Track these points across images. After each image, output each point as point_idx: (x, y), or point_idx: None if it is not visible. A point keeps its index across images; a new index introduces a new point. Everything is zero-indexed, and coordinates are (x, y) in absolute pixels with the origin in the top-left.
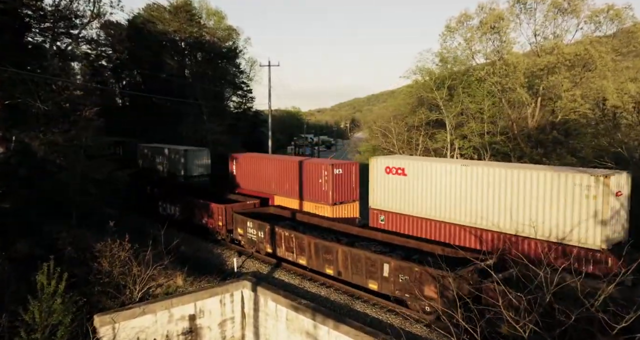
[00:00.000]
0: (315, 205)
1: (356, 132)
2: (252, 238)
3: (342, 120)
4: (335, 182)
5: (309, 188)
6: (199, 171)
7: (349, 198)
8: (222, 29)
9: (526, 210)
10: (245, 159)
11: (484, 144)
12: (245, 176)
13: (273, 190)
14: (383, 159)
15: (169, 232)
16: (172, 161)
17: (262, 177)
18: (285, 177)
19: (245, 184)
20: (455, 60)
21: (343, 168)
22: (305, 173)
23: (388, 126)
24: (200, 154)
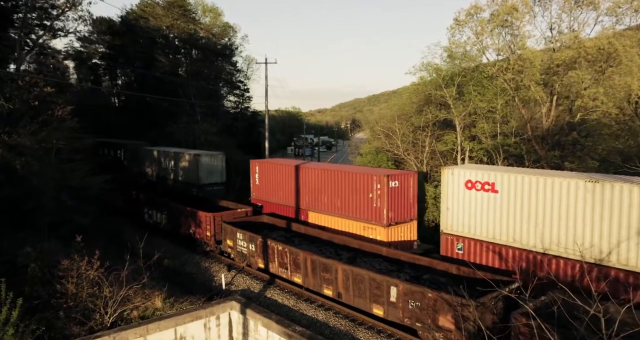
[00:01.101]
0: (363, 226)
1: (357, 133)
2: (243, 251)
3: (342, 120)
4: (390, 197)
5: (356, 204)
6: (212, 179)
7: (406, 217)
8: (218, 26)
9: (556, 225)
10: (270, 166)
11: (496, 145)
12: (270, 187)
13: (307, 205)
14: (462, 171)
15: (154, 243)
16: (181, 167)
17: (293, 188)
18: (324, 190)
19: (271, 196)
20: (465, 56)
21: (400, 179)
22: (351, 185)
23: (392, 126)
24: (214, 159)
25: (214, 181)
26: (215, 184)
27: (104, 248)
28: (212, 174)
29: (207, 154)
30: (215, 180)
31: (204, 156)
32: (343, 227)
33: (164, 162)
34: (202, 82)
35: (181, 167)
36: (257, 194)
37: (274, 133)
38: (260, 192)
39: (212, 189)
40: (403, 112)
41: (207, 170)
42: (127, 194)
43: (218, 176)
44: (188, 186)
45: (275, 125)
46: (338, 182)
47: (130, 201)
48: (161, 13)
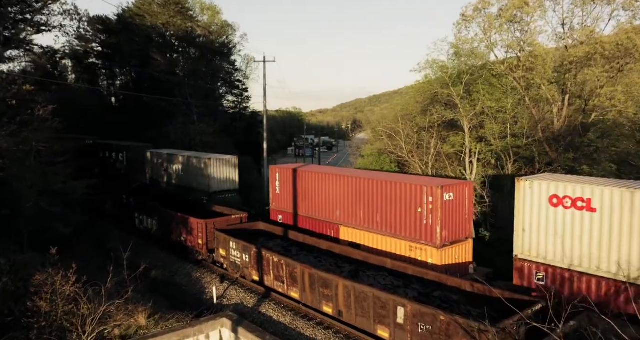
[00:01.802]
0: (409, 246)
1: (358, 133)
2: (236, 261)
3: (343, 121)
4: (445, 213)
5: (400, 220)
6: (225, 185)
7: (461, 235)
8: (217, 24)
9: (586, 238)
10: (293, 173)
11: (506, 147)
12: (293, 197)
13: (338, 219)
14: (546, 183)
15: (144, 250)
16: (190, 172)
17: (321, 199)
18: (360, 201)
19: (293, 207)
20: (473, 53)
21: (454, 191)
22: (395, 197)
23: (395, 127)
24: (226, 163)
25: (227, 188)
26: (227, 191)
27: (87, 258)
28: (224, 180)
29: (219, 158)
30: (227, 187)
31: (215, 160)
32: (383, 246)
33: (170, 167)
34: (200, 81)
35: (190, 173)
36: (276, 204)
37: (275, 133)
38: (280, 202)
39: (225, 197)
40: (407, 112)
41: (218, 176)
42: (118, 197)
43: (231, 182)
44: (198, 194)
45: (276, 125)
46: (378, 193)
47: (120, 205)
48: (157, 10)
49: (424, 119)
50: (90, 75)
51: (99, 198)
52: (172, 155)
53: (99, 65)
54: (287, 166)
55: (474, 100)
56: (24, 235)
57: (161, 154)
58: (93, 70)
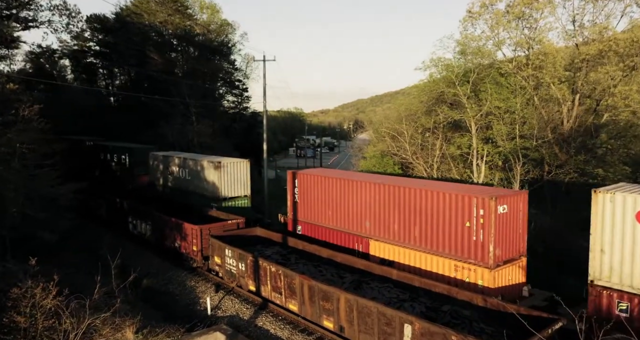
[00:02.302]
0: (456, 265)
1: (360, 134)
2: (232, 270)
3: (345, 121)
4: (499, 228)
5: (443, 235)
6: (236, 191)
7: (515, 252)
8: (216, 23)
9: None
10: (316, 179)
11: (515, 149)
12: (315, 206)
13: (368, 232)
14: (631, 196)
15: (137, 256)
16: (198, 176)
17: (348, 209)
18: (394, 213)
19: (315, 217)
20: (479, 51)
21: (509, 203)
22: (437, 209)
23: (399, 128)
24: (237, 166)
25: (238, 194)
26: (239, 198)
27: (75, 266)
28: (236, 185)
29: (230, 162)
30: (239, 193)
31: (226, 164)
32: (422, 265)
33: (177, 171)
34: (198, 81)
35: (198, 177)
36: (296, 213)
37: (276, 134)
38: (300, 211)
39: (236, 204)
40: (410, 112)
41: (229, 180)
42: (112, 201)
43: (243, 187)
44: (207, 200)
45: (277, 126)
46: (417, 204)
47: (114, 209)
48: (155, 8)
49: (429, 120)
50: (89, 75)
51: (94, 202)
52: (178, 158)
53: (98, 65)
54: (308, 171)
55: (481, 100)
56: (6, 243)
57: (166, 156)
58: (91, 69)
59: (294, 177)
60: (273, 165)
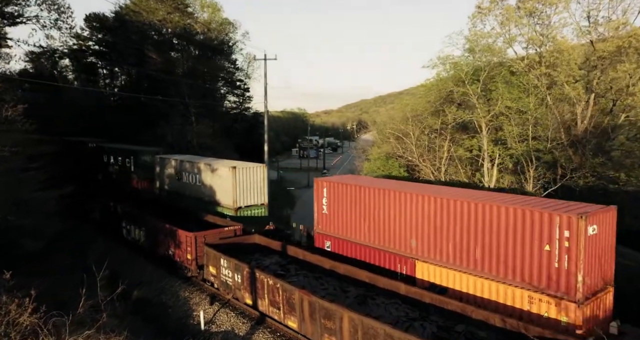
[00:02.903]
0: (530, 297)
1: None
2: (227, 281)
3: (348, 121)
4: (588, 253)
5: (515, 259)
6: (251, 199)
7: (602, 282)
8: (217, 21)
9: None
10: (348, 189)
11: (527, 151)
12: (348, 219)
13: (414, 252)
14: None
15: (130, 264)
16: (209, 183)
17: (389, 224)
18: (447, 230)
19: (348, 232)
20: (489, 49)
21: (599, 222)
22: (506, 227)
23: (404, 129)
24: (253, 172)
25: (254, 202)
26: (255, 207)
27: (61, 276)
28: (252, 193)
29: (245, 166)
30: (255, 201)
31: (241, 169)
32: (484, 293)
33: (185, 176)
34: (198, 80)
35: (208, 183)
36: (323, 226)
37: (279, 134)
38: (329, 224)
39: (252, 213)
40: (416, 112)
41: (244, 187)
42: (105, 205)
43: (259, 195)
44: (220, 208)
45: (280, 126)
46: (479, 221)
47: (108, 214)
48: (154, 6)
49: (436, 120)
50: (89, 74)
51: (89, 205)
52: (188, 162)
53: (98, 65)
54: (339, 179)
55: (492, 99)
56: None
57: (174, 160)
58: (91, 69)
59: (322, 186)
60: (275, 166)
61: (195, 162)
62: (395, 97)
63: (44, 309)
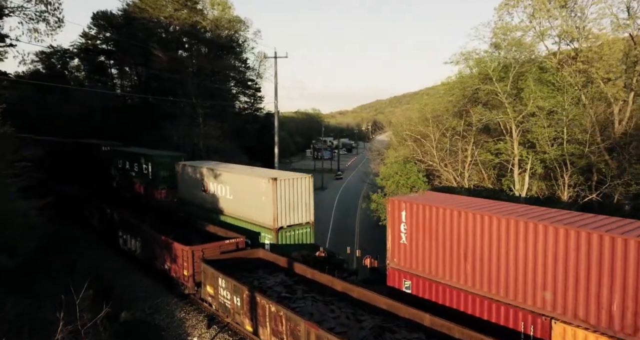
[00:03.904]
0: None
1: (378, 135)
2: (226, 303)
3: (363, 122)
4: None
5: None
6: (295, 217)
7: None
8: (227, 19)
9: None
10: (439, 213)
11: (561, 156)
12: (440, 252)
13: (549, 307)
14: None
15: (124, 277)
16: (244, 197)
17: (505, 264)
18: (609, 280)
19: (438, 270)
20: (518, 44)
21: None
22: None
23: (424, 130)
24: (298, 185)
25: (298, 221)
26: (299, 227)
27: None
28: (295, 210)
29: (288, 177)
30: (299, 220)
31: (283, 181)
32: None
33: (212, 187)
34: (207, 80)
35: (242, 197)
36: (401, 260)
37: (293, 135)
38: (410, 259)
39: (296, 234)
40: (437, 113)
41: (286, 202)
42: (103, 211)
43: (304, 212)
44: (255, 228)
45: (294, 127)
46: None
47: (105, 221)
48: (161, 2)
49: (458, 122)
50: (98, 74)
51: (88, 211)
52: (216, 170)
53: (106, 64)
54: (425, 199)
55: (522, 98)
56: None
57: (199, 168)
58: (100, 69)
59: (400, 207)
60: (288, 167)
61: (225, 172)
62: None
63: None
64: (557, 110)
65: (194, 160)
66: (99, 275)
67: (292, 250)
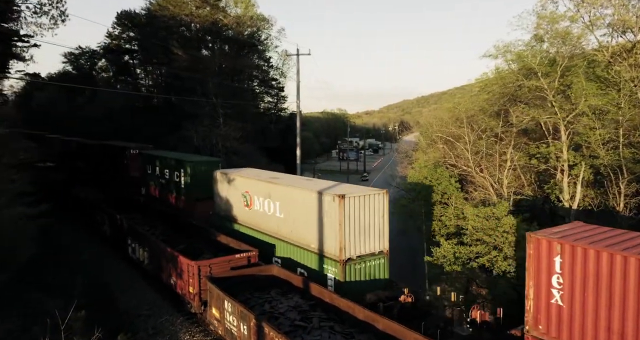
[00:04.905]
0: None
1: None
2: (232, 330)
3: (390, 122)
4: None
5: None
6: (368, 244)
7: None
8: (250, 17)
9: None
10: (622, 261)
11: (618, 161)
12: (623, 325)
13: None
14: None
15: (129, 289)
16: (297, 216)
17: None
18: None
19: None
20: (565, 35)
21: None
22: None
23: (457, 132)
24: (370, 202)
25: (370, 251)
26: (370, 257)
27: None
28: (366, 235)
29: (357, 194)
30: (371, 249)
31: (352, 198)
32: None
33: (257, 202)
34: (228, 79)
35: (296, 217)
36: (553, 329)
37: (318, 136)
38: (571, 329)
39: (367, 267)
40: (471, 112)
41: (356, 226)
42: (113, 217)
43: (377, 239)
44: (315, 257)
45: (320, 127)
46: None
47: (115, 228)
48: (182, 0)
49: (496, 122)
50: (123, 74)
51: (100, 217)
52: (262, 182)
53: (130, 64)
54: (592, 237)
55: (569, 96)
56: None
57: (240, 177)
58: (125, 69)
59: (551, 250)
60: (311, 168)
61: (273, 183)
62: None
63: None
64: (610, 109)
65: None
66: (104, 286)
67: (364, 289)
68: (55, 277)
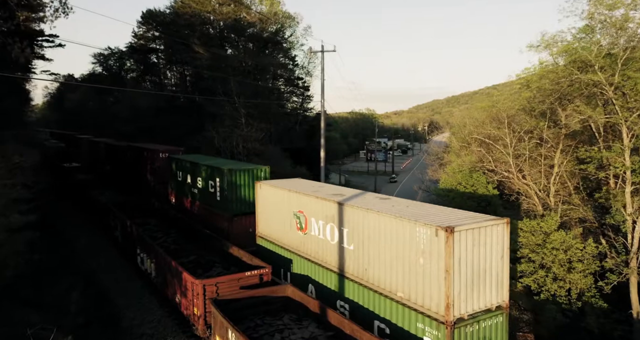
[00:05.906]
0: None
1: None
2: None
3: (419, 122)
4: None
5: None
6: (483, 297)
7: None
8: (276, 14)
9: None
10: None
11: None
12: None
13: None
14: None
15: (135, 304)
16: (381, 253)
17: None
18: None
19: None
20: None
21: None
22: None
23: (496, 133)
24: (486, 237)
25: (485, 306)
26: (487, 316)
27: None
28: (481, 284)
29: (469, 227)
30: (486, 304)
31: (462, 232)
32: None
33: (316, 226)
34: (251, 78)
35: (375, 251)
36: None
37: (346, 136)
38: None
39: (480, 328)
40: (511, 112)
41: (468, 271)
42: (124, 223)
43: (494, 288)
44: (407, 315)
45: (348, 128)
46: None
47: (126, 235)
48: None
49: (542, 123)
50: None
51: (113, 222)
52: (326, 201)
53: (156, 63)
54: None
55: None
56: None
57: (292, 193)
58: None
59: None
60: (337, 170)
61: (339, 203)
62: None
63: None
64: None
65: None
66: (109, 300)
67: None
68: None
